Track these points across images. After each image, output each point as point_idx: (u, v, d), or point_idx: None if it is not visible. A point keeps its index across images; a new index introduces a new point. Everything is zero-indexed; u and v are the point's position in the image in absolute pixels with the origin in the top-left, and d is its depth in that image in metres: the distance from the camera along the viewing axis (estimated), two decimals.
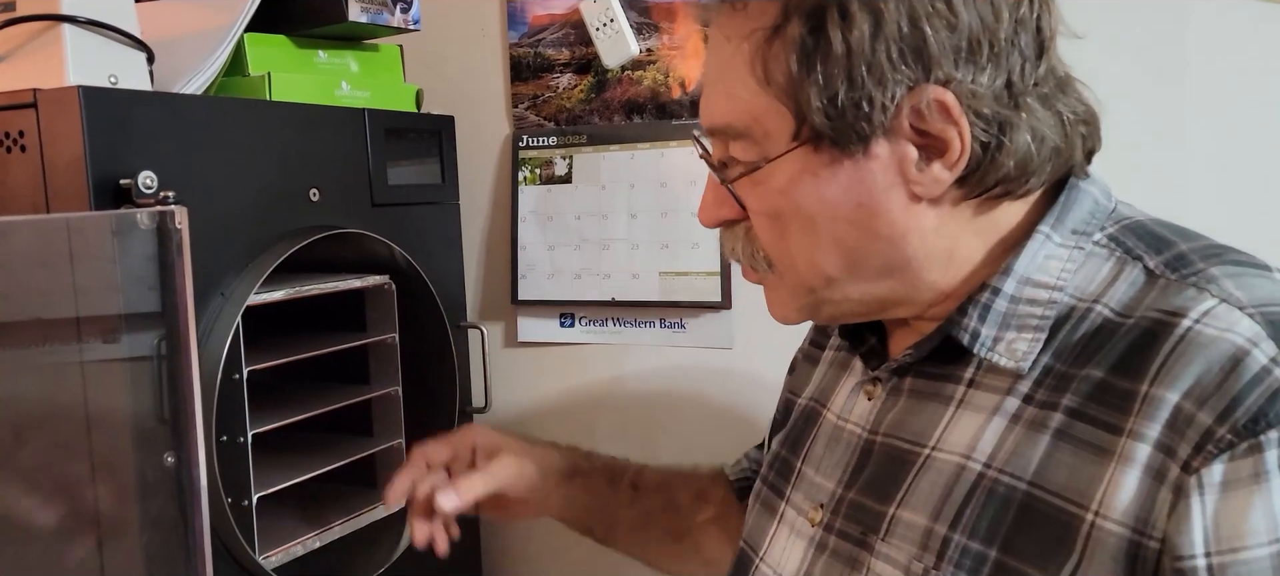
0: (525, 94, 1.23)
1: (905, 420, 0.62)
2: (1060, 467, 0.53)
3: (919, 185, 0.57)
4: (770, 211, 0.60)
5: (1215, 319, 0.51)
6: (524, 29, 1.22)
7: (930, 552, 0.56)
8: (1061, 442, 0.54)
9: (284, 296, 0.93)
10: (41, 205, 0.79)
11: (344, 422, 1.08)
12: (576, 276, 1.21)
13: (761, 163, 0.59)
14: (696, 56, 1.14)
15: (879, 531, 0.60)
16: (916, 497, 0.58)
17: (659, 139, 1.16)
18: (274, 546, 0.95)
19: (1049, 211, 0.60)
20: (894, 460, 0.61)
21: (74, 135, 0.76)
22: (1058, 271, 0.59)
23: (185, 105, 0.85)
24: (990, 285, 0.59)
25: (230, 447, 0.89)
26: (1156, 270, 0.56)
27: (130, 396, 0.79)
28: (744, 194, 0.61)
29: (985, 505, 0.55)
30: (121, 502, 0.79)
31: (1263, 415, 0.48)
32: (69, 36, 0.81)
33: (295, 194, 0.94)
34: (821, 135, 0.56)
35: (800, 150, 0.57)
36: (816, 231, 0.59)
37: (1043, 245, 0.59)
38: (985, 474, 0.56)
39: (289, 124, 0.94)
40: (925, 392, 0.62)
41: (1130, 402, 0.52)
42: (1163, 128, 0.96)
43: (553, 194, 1.22)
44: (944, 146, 0.56)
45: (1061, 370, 0.56)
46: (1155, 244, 0.58)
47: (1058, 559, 0.52)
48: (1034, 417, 0.56)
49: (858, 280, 0.61)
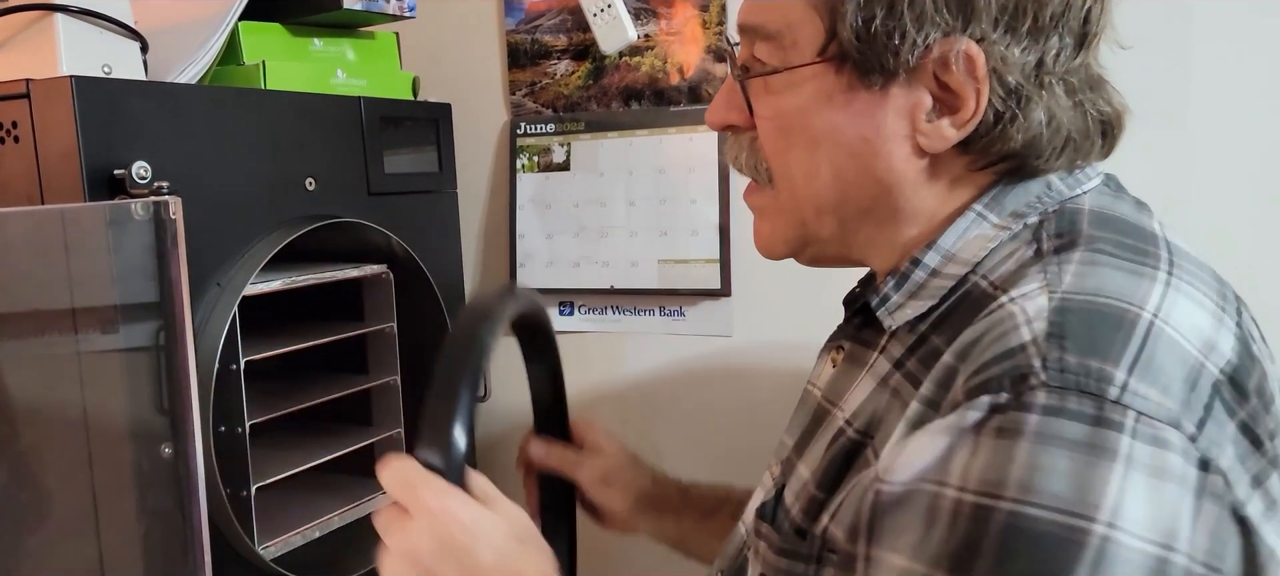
0: (522, 81, 1.22)
1: (836, 383, 0.65)
2: (884, 427, 0.56)
3: (924, 137, 0.57)
4: (779, 122, 0.61)
5: (1024, 298, 0.50)
6: (521, 15, 1.21)
7: (793, 491, 0.61)
8: (894, 402, 0.56)
9: (281, 286, 0.93)
10: (36, 196, 0.79)
11: (343, 412, 1.08)
12: (575, 264, 1.21)
13: (782, 69, 0.59)
14: (694, 42, 1.13)
15: (787, 478, 0.64)
16: (812, 449, 0.63)
17: (657, 126, 1.15)
18: (273, 536, 0.95)
19: (988, 191, 0.59)
20: (820, 419, 0.65)
21: (67, 125, 0.76)
22: (978, 249, 0.58)
23: (179, 94, 0.85)
24: (913, 257, 0.60)
25: (228, 438, 0.89)
26: (1044, 251, 0.55)
27: (127, 387, 0.79)
28: (757, 98, 0.62)
29: (836, 458, 0.58)
30: (119, 494, 0.79)
31: (989, 383, 0.47)
32: (62, 26, 0.81)
33: (291, 183, 0.94)
34: (847, 57, 0.57)
35: (822, 67, 0.58)
36: (817, 153, 0.60)
37: (974, 224, 0.59)
38: (845, 430, 0.59)
39: (284, 113, 0.93)
40: (856, 358, 0.65)
41: (934, 363, 0.52)
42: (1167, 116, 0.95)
43: (551, 181, 1.21)
44: (959, 104, 0.56)
45: (932, 339, 0.56)
46: (1067, 230, 0.56)
47: (834, 490, 0.56)
48: (890, 380, 0.58)
49: (841, 217, 0.61)
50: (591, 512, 0.91)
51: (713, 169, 1.13)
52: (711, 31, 1.12)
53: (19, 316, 0.77)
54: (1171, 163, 0.94)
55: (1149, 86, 0.93)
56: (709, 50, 1.12)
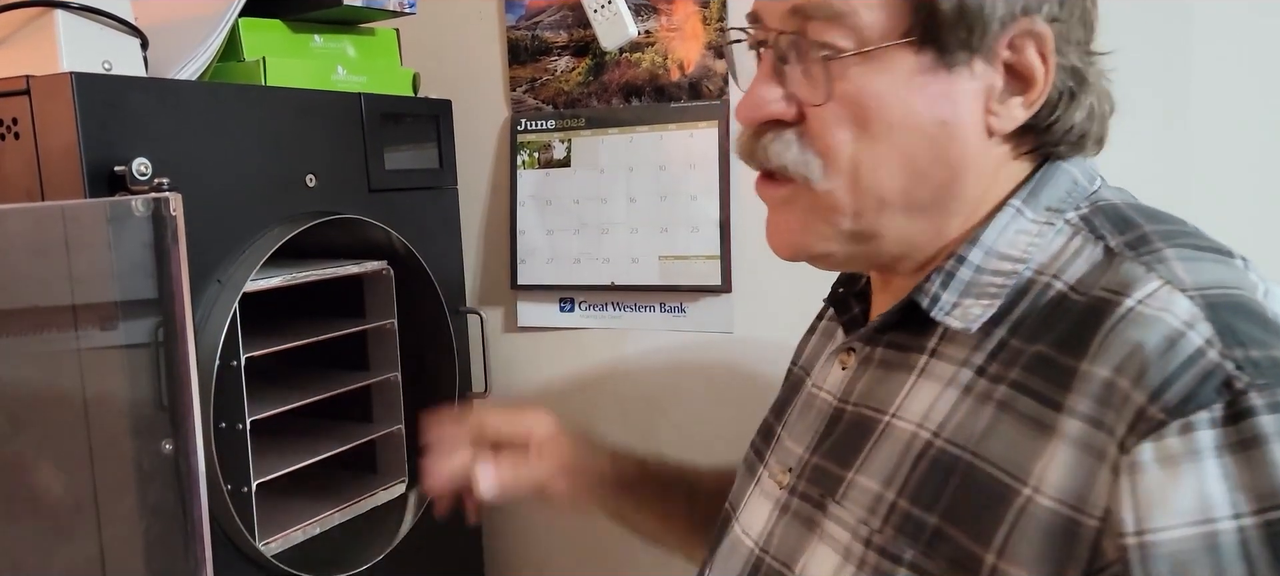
0: (523, 77, 1.22)
1: (872, 389, 0.63)
2: (1000, 440, 0.53)
3: (997, 117, 0.58)
4: (850, 109, 0.57)
5: (1155, 299, 0.51)
6: (521, 11, 1.21)
7: (877, 516, 0.57)
8: (1004, 415, 0.54)
9: (281, 282, 0.93)
10: (36, 193, 0.79)
11: (343, 409, 1.08)
12: (576, 261, 1.21)
13: (860, 50, 0.56)
14: (695, 39, 1.13)
15: (835, 494, 0.60)
16: (873, 464, 0.59)
17: (658, 122, 1.15)
18: (274, 532, 0.95)
19: (1022, 187, 0.60)
20: (857, 427, 0.62)
21: (67, 122, 0.76)
22: (1024, 245, 0.58)
23: (180, 91, 0.85)
24: (957, 254, 0.59)
25: (229, 434, 0.89)
26: (1116, 249, 0.56)
27: (128, 384, 0.79)
28: (816, 85, 0.57)
29: (930, 472, 0.55)
30: (121, 490, 0.79)
31: (1193, 396, 0.47)
32: (62, 22, 0.81)
33: (291, 180, 0.94)
34: (931, 38, 0.55)
35: (901, 47, 0.56)
36: (890, 141, 0.57)
37: (1013, 219, 0.59)
38: (933, 442, 0.56)
39: (285, 109, 0.93)
40: (892, 362, 0.63)
41: (1069, 379, 0.52)
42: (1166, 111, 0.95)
43: (551, 178, 1.21)
44: (1028, 84, 0.57)
45: (1013, 343, 0.56)
46: (1121, 225, 0.57)
47: (987, 528, 0.52)
48: (984, 389, 0.56)
49: (902, 209, 0.59)
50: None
51: (713, 165, 1.12)
52: (712, 27, 1.11)
53: (19, 313, 0.77)
54: (1171, 160, 0.94)
55: (1149, 84, 0.93)
56: (709, 46, 1.12)
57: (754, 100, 0.60)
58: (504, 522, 1.32)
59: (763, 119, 0.60)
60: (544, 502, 0.87)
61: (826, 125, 0.58)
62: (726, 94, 1.12)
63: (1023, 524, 0.51)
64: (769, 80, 0.59)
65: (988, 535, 0.52)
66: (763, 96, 0.59)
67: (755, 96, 0.60)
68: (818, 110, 0.58)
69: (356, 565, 1.03)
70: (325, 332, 1.00)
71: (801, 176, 0.59)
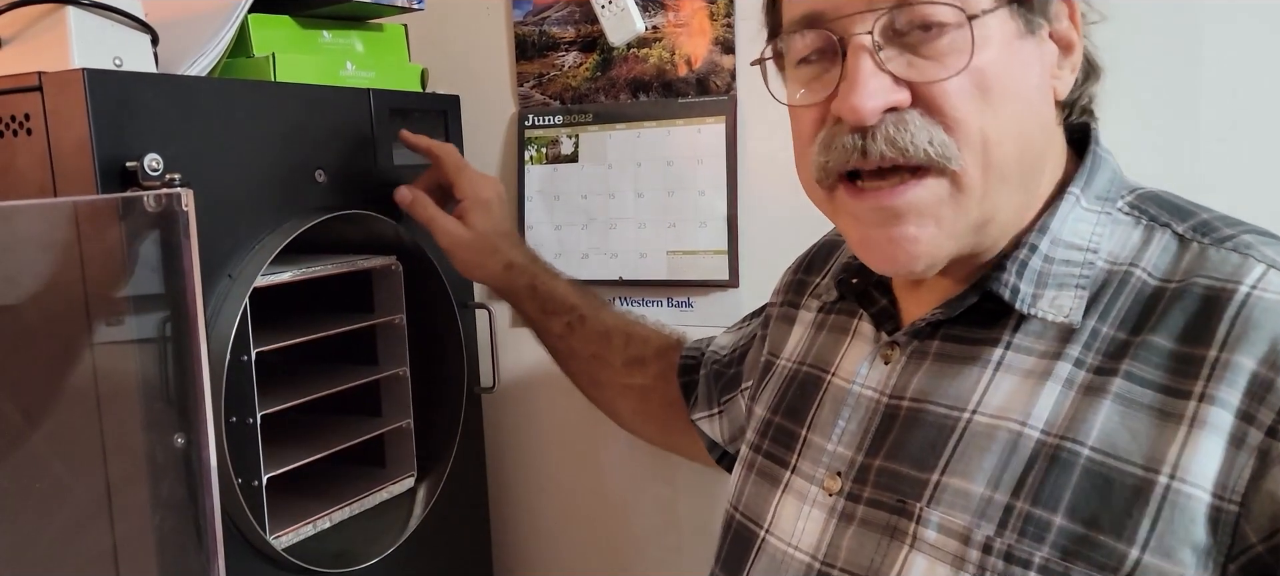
0: (530, 73, 1.22)
1: (936, 384, 0.61)
2: (1122, 431, 0.53)
3: (1058, 80, 0.60)
4: (974, 76, 0.55)
5: (1270, 284, 0.53)
6: (528, 7, 1.21)
7: (990, 520, 0.55)
8: (1122, 406, 0.54)
9: (291, 277, 0.93)
10: (48, 188, 0.79)
11: (352, 404, 1.09)
12: (584, 256, 1.21)
13: (976, 13, 0.55)
14: (702, 34, 1.13)
15: (922, 498, 0.58)
16: (965, 464, 0.57)
17: (665, 117, 1.15)
18: (284, 526, 0.96)
19: (1078, 175, 0.61)
20: (927, 425, 0.60)
21: (79, 118, 0.76)
22: (1089, 233, 0.59)
23: (190, 87, 0.85)
24: (1027, 242, 0.59)
25: (239, 428, 0.89)
26: (1186, 235, 0.57)
27: (139, 378, 0.79)
28: (940, 58, 0.55)
29: (1048, 472, 0.54)
30: (133, 484, 0.80)
31: None
32: (73, 19, 0.81)
33: (301, 175, 0.94)
34: (1021, 1, 0.57)
35: (1006, 10, 0.56)
36: (1009, 108, 0.56)
37: (1073, 207, 0.60)
38: (1045, 440, 0.55)
39: (294, 105, 0.94)
40: (956, 355, 0.61)
41: (1197, 367, 0.52)
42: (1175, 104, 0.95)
43: (559, 173, 1.22)
44: (1068, 50, 0.60)
45: (1114, 335, 0.56)
46: (1177, 212, 0.59)
47: (1130, 523, 0.52)
48: (1090, 383, 0.55)
49: (1015, 185, 0.58)
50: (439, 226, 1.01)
51: (721, 160, 1.13)
52: (719, 23, 1.12)
53: (32, 308, 0.77)
54: (1180, 155, 0.94)
55: (1159, 78, 0.93)
56: (716, 42, 1.12)
57: (868, 89, 0.55)
58: (512, 516, 1.33)
59: (882, 108, 0.56)
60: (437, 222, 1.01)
61: (950, 98, 0.55)
62: (733, 89, 1.12)
63: (1167, 513, 0.51)
64: (873, 68, 0.56)
65: (1130, 530, 0.52)
66: (875, 85, 0.55)
67: (869, 86, 0.55)
68: (940, 85, 0.55)
69: (366, 559, 1.03)
70: (335, 327, 1.00)
71: (940, 159, 0.56)
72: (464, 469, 1.16)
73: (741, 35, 1.11)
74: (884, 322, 0.67)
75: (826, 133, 0.59)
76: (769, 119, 1.09)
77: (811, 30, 0.58)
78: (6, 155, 0.80)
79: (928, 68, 0.55)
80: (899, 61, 0.56)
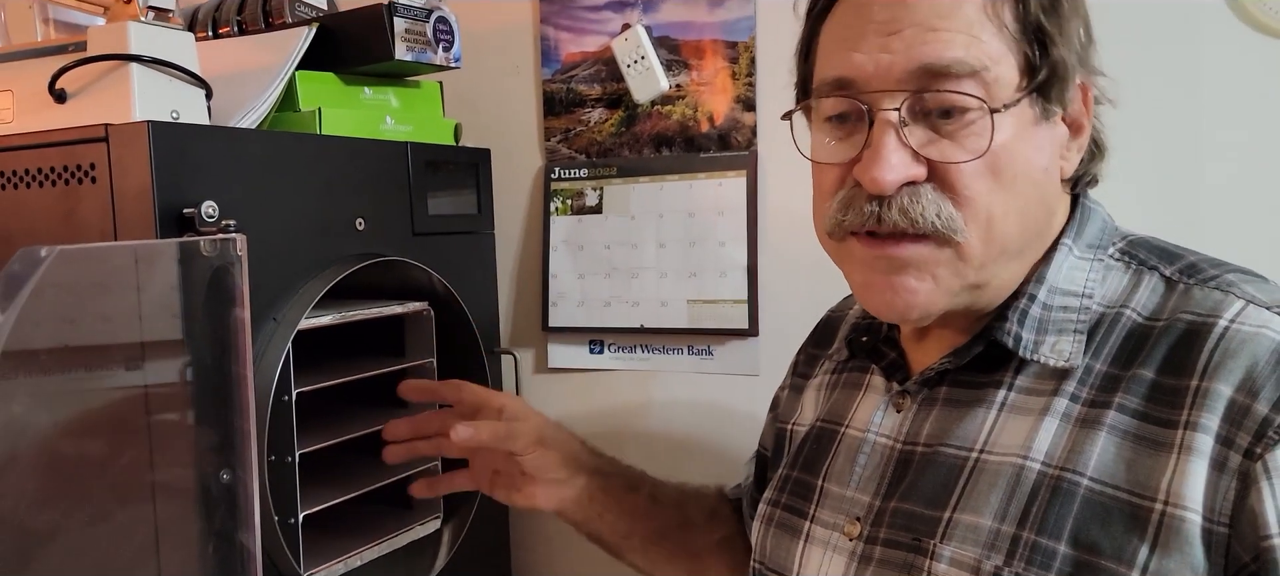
0: (557, 128, 1.27)
1: (946, 427, 0.64)
2: (1118, 461, 0.57)
3: (1066, 162, 0.64)
4: (990, 161, 0.59)
5: (1248, 317, 0.57)
6: (557, 66, 1.26)
7: (998, 552, 0.58)
8: (1115, 437, 0.57)
9: (332, 321, 0.97)
10: (110, 233, 0.83)
11: (379, 445, 1.11)
12: (606, 304, 1.25)
13: (1006, 104, 0.59)
14: (724, 93, 1.18)
15: (935, 534, 0.61)
16: (975, 500, 0.60)
17: (687, 171, 1.20)
18: (316, 564, 0.98)
19: (1068, 226, 0.65)
20: (940, 466, 0.63)
21: (142, 167, 0.81)
22: (1083, 281, 0.63)
23: (244, 138, 0.90)
24: (1026, 292, 0.63)
25: (278, 467, 0.92)
26: (1174, 277, 0.62)
27: (189, 415, 0.83)
28: (958, 139, 0.59)
29: (1050, 502, 0.58)
30: (180, 519, 0.83)
31: None
32: (136, 75, 0.86)
33: (343, 223, 0.98)
34: (1040, 90, 0.60)
35: (1025, 100, 0.60)
36: (1016, 189, 0.60)
37: (1066, 257, 0.64)
38: (1047, 472, 0.59)
39: (337, 156, 0.98)
40: (963, 400, 0.65)
41: (1181, 397, 0.56)
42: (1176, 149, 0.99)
43: (584, 224, 1.26)
44: (1078, 131, 0.64)
45: (1106, 371, 0.60)
46: (1165, 256, 0.64)
47: (1131, 548, 0.55)
48: (1085, 416, 0.59)
49: (1015, 255, 0.62)
50: (506, 489, 0.91)
51: (741, 213, 1.17)
52: (741, 82, 1.16)
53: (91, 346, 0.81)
54: (1182, 180, 0.98)
55: (1160, 103, 0.97)
56: (738, 100, 1.17)
57: (890, 164, 0.59)
58: (532, 564, 1.35)
59: (900, 181, 0.59)
60: (519, 491, 0.89)
61: (965, 178, 0.59)
62: (754, 145, 1.17)
63: (1165, 537, 0.54)
64: (896, 143, 0.59)
65: (1131, 555, 0.55)
66: (897, 160, 0.59)
67: (891, 160, 0.59)
68: (963, 164, 0.59)
69: None
70: (368, 370, 1.03)
71: (946, 230, 0.59)
72: (488, 514, 1.18)
73: (763, 93, 1.15)
74: (894, 374, 0.71)
75: (846, 194, 0.63)
76: (789, 174, 1.13)
77: (842, 94, 0.62)
78: (71, 201, 0.84)
79: (948, 148, 0.59)
80: (920, 136, 0.60)
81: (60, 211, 0.85)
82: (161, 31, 0.88)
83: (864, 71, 0.60)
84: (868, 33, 0.60)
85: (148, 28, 0.87)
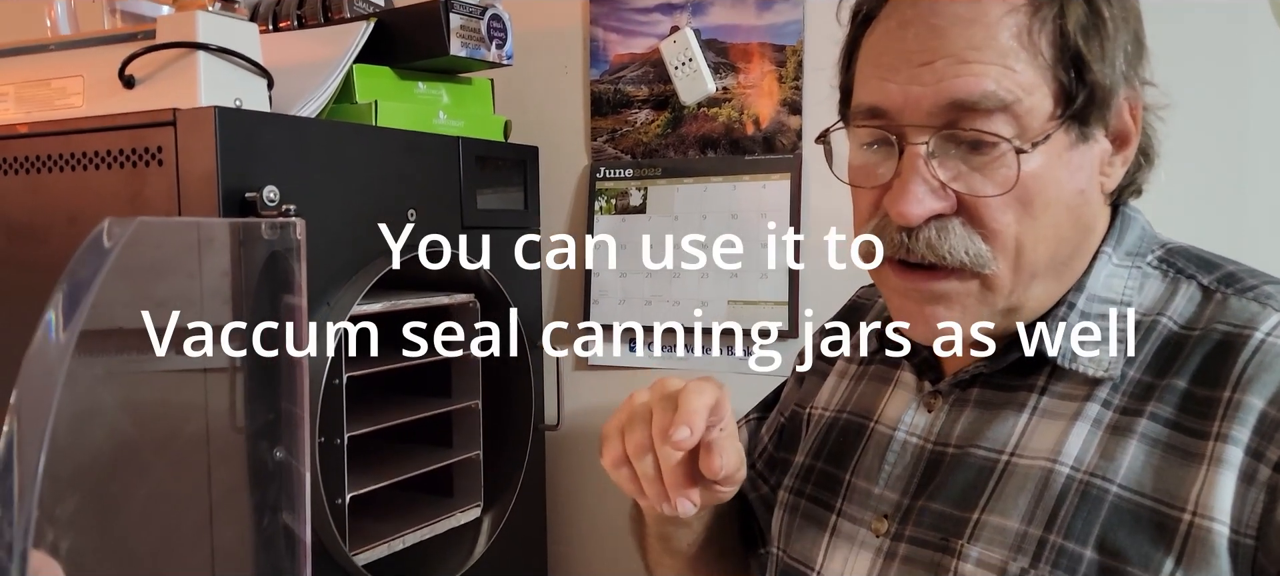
0: (604, 127, 1.29)
1: (978, 429, 0.64)
2: (1147, 470, 0.57)
3: (1108, 177, 0.63)
4: (1019, 193, 0.58)
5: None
6: (605, 66, 1.28)
7: (1025, 554, 0.58)
8: (1146, 446, 0.58)
9: (382, 308, 0.99)
10: (174, 215, 0.86)
11: (423, 433, 1.13)
12: (647, 302, 1.26)
13: (1028, 141, 0.57)
14: (770, 96, 1.19)
15: (962, 535, 0.61)
16: (1003, 502, 0.61)
17: (732, 173, 1.21)
18: (360, 544, 1.00)
19: (1109, 235, 0.65)
20: (971, 467, 0.64)
21: (208, 151, 0.83)
22: (1121, 288, 0.63)
23: (304, 127, 0.92)
24: (1066, 300, 0.63)
25: (328, 448, 0.94)
26: (1211, 287, 0.62)
27: (245, 394, 0.85)
28: (987, 172, 0.58)
29: (1078, 507, 0.58)
30: (232, 496, 0.85)
31: None
32: (203, 63, 0.89)
33: (396, 213, 1.01)
34: (1077, 116, 0.59)
35: (1060, 129, 0.59)
36: (1048, 216, 0.59)
37: (1105, 265, 0.64)
38: (1075, 476, 0.59)
39: (393, 148, 1.01)
40: (996, 403, 0.65)
41: (1213, 408, 0.56)
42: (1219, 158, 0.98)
43: (627, 223, 1.27)
44: (1124, 143, 0.63)
45: (1139, 379, 0.60)
46: (1203, 265, 0.63)
47: (1157, 557, 0.55)
48: (1117, 423, 0.59)
49: (1046, 277, 0.62)
50: None
51: (784, 215, 1.18)
52: (788, 86, 1.17)
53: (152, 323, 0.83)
54: (1226, 177, 0.98)
55: (1206, 101, 0.97)
56: (784, 104, 1.18)
57: (916, 197, 0.59)
58: (568, 555, 1.36)
59: (925, 216, 0.59)
60: None
61: (993, 211, 0.59)
62: (799, 149, 1.18)
63: (1191, 548, 0.54)
64: (923, 176, 0.59)
65: (1157, 564, 0.55)
66: (922, 193, 0.59)
67: (917, 194, 0.59)
68: (991, 197, 0.58)
69: None
70: (415, 359, 1.05)
71: (974, 265, 0.59)
72: (527, 504, 1.20)
73: (809, 98, 1.16)
74: (926, 372, 0.71)
75: (878, 221, 0.63)
76: (833, 179, 1.13)
77: (875, 124, 0.62)
78: (138, 183, 0.87)
79: (975, 182, 0.59)
80: (949, 168, 0.59)
81: (127, 193, 0.88)
82: (228, 21, 0.91)
83: (895, 102, 0.60)
84: (900, 63, 0.60)
85: (215, 17, 0.90)
